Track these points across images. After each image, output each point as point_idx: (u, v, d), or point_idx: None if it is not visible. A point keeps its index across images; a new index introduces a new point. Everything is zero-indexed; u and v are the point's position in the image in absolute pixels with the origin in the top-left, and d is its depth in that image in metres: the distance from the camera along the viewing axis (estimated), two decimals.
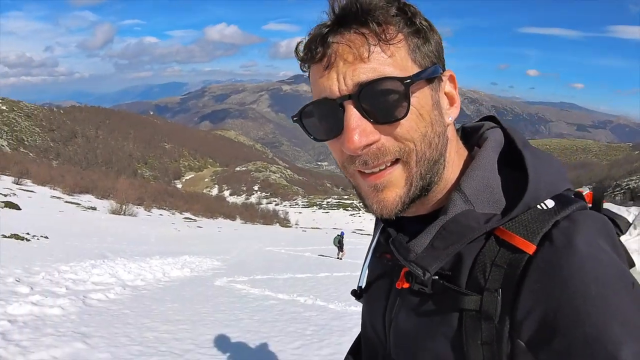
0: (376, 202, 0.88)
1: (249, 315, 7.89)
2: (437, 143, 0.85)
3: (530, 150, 0.90)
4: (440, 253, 0.85)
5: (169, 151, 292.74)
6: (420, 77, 0.81)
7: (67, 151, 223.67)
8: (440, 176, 0.89)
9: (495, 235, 0.83)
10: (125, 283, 9.63)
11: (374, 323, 1.07)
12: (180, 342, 5.90)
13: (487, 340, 0.79)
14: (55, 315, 6.40)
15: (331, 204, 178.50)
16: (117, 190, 65.85)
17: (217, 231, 46.95)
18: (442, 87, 0.88)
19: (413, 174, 0.85)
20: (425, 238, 0.87)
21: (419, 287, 0.89)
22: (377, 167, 0.84)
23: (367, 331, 1.12)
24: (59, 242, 15.94)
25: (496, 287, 0.79)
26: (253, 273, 14.08)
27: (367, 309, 1.12)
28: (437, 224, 0.87)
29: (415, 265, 0.86)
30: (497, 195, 0.86)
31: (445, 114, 0.88)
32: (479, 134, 0.99)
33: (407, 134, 0.82)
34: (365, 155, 0.83)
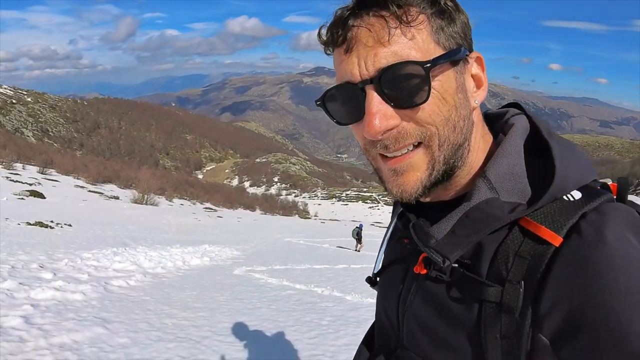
0: (396, 186, 0.87)
1: (266, 305, 7.96)
2: (462, 127, 0.84)
3: (556, 139, 0.87)
4: (461, 240, 0.83)
5: (190, 142, 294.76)
6: (442, 60, 0.79)
7: (90, 142, 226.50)
8: (464, 161, 0.87)
9: (520, 225, 0.81)
10: (146, 270, 9.76)
11: (387, 309, 1.06)
12: (198, 329, 5.99)
13: (507, 334, 0.77)
14: (77, 300, 6.53)
15: (350, 196, 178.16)
16: (139, 180, 66.53)
17: (237, 221, 47.12)
18: (468, 69, 0.86)
19: (435, 157, 0.84)
20: (446, 224, 0.86)
21: (436, 274, 0.87)
22: (398, 150, 0.84)
23: (381, 317, 1.11)
24: (82, 230, 16.17)
25: (518, 279, 0.76)
26: (271, 263, 14.13)
27: (381, 294, 1.11)
28: (459, 210, 0.85)
29: (435, 251, 0.84)
30: (523, 184, 0.84)
31: (471, 97, 0.86)
32: (503, 120, 0.98)
33: (429, 118, 0.80)
34: (386, 140, 0.82)
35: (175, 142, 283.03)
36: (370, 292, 6.96)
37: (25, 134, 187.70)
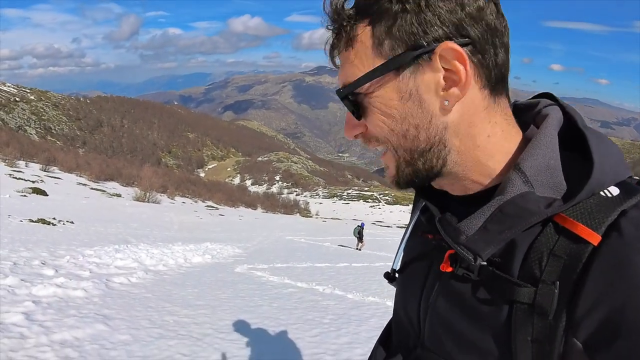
0: (387, 177, 0.91)
1: (267, 302, 7.95)
2: (417, 134, 0.80)
3: (592, 131, 0.81)
4: (494, 237, 0.78)
5: (193, 140, 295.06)
6: (371, 77, 0.78)
7: (93, 140, 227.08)
8: (444, 161, 0.82)
9: (554, 222, 0.76)
10: (147, 268, 9.75)
11: (407, 308, 1.01)
12: (199, 327, 5.98)
13: (539, 338, 0.73)
14: (79, 297, 6.52)
15: (351, 195, 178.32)
16: (142, 178, 66.53)
17: (239, 219, 47.18)
18: (431, 68, 0.76)
19: (397, 161, 0.85)
20: (477, 219, 0.80)
21: (463, 272, 0.82)
22: (374, 150, 0.87)
23: (400, 316, 1.06)
24: (84, 227, 16.19)
25: (553, 280, 0.72)
26: (273, 261, 14.15)
27: (401, 292, 1.06)
28: (492, 204, 0.80)
29: (466, 248, 0.79)
30: (558, 178, 0.79)
31: (435, 99, 0.78)
32: (535, 111, 0.91)
33: (375, 131, 0.83)
34: (360, 142, 0.88)
35: (177, 140, 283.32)
36: (371, 291, 7.04)
37: (28, 131, 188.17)
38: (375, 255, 20.39)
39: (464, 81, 0.75)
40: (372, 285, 10.76)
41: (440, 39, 0.74)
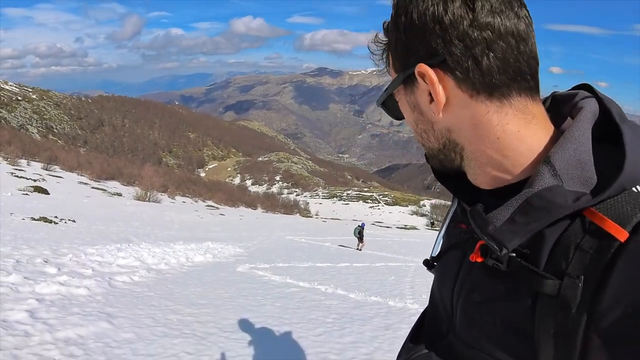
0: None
1: (270, 302, 7.94)
2: (427, 137, 0.91)
3: (629, 125, 0.80)
4: (521, 229, 0.79)
5: (193, 140, 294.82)
6: (390, 90, 0.92)
7: (94, 139, 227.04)
8: (461, 156, 0.89)
9: (582, 217, 0.76)
10: (149, 266, 9.75)
11: (442, 295, 1.04)
12: (203, 325, 5.97)
13: (561, 331, 0.73)
14: (82, 295, 6.52)
15: (351, 195, 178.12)
16: (142, 177, 66.55)
17: (239, 219, 47.15)
18: (419, 87, 0.86)
19: (428, 154, 0.97)
20: (505, 211, 0.82)
21: (493, 263, 0.83)
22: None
23: (435, 301, 1.10)
24: (86, 225, 16.19)
25: (578, 274, 0.72)
26: (274, 261, 14.16)
27: (438, 279, 1.09)
28: (520, 197, 0.81)
29: (493, 239, 0.81)
30: (589, 172, 0.78)
31: (427, 112, 0.87)
32: (572, 102, 0.90)
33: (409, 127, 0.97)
34: None
35: (178, 140, 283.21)
36: (373, 290, 7.07)
37: (30, 130, 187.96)
38: (376, 256, 20.35)
39: (437, 96, 0.81)
40: (374, 285, 10.76)
41: (418, 61, 0.81)
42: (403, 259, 19.70)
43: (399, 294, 9.72)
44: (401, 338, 5.69)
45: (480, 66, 0.77)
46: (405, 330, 6.92)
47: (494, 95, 0.80)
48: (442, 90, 0.81)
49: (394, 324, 7.09)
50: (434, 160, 0.96)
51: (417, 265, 16.40)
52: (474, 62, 0.77)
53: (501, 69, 0.78)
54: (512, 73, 0.79)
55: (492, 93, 0.79)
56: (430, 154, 0.95)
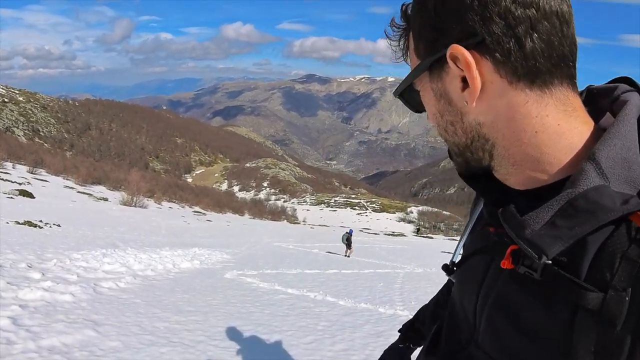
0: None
1: (259, 309, 7.84)
2: (454, 130, 0.81)
3: None
4: (563, 234, 0.70)
5: (181, 145, 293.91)
6: (412, 78, 0.84)
7: (81, 143, 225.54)
8: (490, 154, 0.79)
9: (628, 222, 0.68)
10: (135, 273, 9.60)
11: (464, 302, 0.95)
12: (191, 333, 5.85)
13: (602, 349, 0.66)
14: (67, 301, 6.37)
15: (339, 202, 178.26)
16: (129, 182, 66.24)
17: (226, 225, 47.01)
18: (449, 72, 0.76)
19: (450, 151, 0.88)
20: (544, 213, 0.73)
21: (525, 271, 0.74)
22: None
23: (456, 309, 1.01)
24: (71, 230, 16.00)
25: (625, 286, 0.65)
26: (262, 267, 14.06)
27: (459, 286, 1.01)
28: (561, 197, 0.72)
29: (531, 244, 0.72)
30: (636, 172, 0.71)
31: (458, 100, 0.77)
32: (612, 97, 0.83)
33: (430, 123, 0.88)
34: None
35: (165, 145, 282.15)
36: (362, 297, 6.98)
37: (16, 133, 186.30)
38: (364, 262, 20.29)
39: (473, 82, 0.73)
40: (363, 292, 10.69)
41: (450, 42, 0.73)
42: (391, 265, 19.67)
43: (388, 301, 9.66)
44: None
45: (523, 48, 0.69)
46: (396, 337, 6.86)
47: (535, 83, 0.72)
48: (478, 75, 0.72)
49: (385, 331, 7.01)
50: (460, 158, 0.86)
51: (406, 272, 16.41)
52: (516, 43, 0.70)
53: (545, 52, 0.70)
54: (556, 58, 0.72)
55: (534, 80, 0.71)
56: (456, 150, 0.85)
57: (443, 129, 0.83)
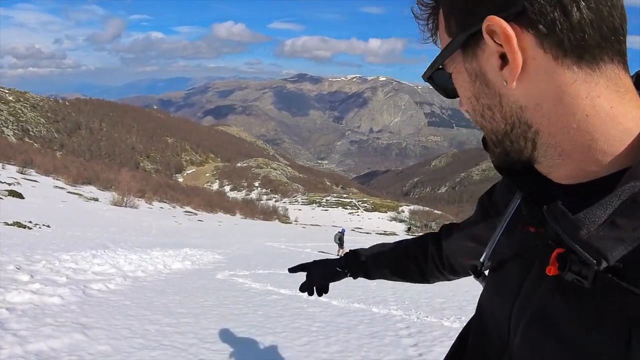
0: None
1: (252, 310, 7.74)
2: (492, 115, 0.72)
3: None
4: (626, 235, 0.61)
5: (172, 145, 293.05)
6: (442, 58, 0.76)
7: (71, 142, 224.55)
8: (534, 143, 0.70)
9: None
10: (126, 274, 9.48)
11: (496, 311, 0.86)
12: (183, 336, 5.73)
13: None
14: (55, 304, 6.25)
15: (330, 202, 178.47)
16: (119, 182, 65.96)
17: (218, 225, 46.87)
18: (486, 48, 0.68)
19: (487, 141, 0.78)
20: (601, 211, 0.64)
21: (573, 278, 0.66)
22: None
23: (485, 317, 0.91)
24: (61, 231, 15.83)
25: None
26: (254, 267, 13.97)
27: (490, 292, 0.91)
28: (621, 193, 0.62)
29: (588, 247, 0.62)
30: None
31: (496, 80, 0.68)
32: None
33: (466, 110, 0.78)
34: None
35: (156, 144, 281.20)
36: (356, 297, 6.85)
37: (5, 132, 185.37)
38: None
39: (514, 57, 0.65)
40: (357, 291, 10.60)
41: (486, 14, 0.65)
42: None
43: (382, 301, 9.58)
44: (388, 347, 5.48)
45: (570, 18, 0.61)
46: (391, 338, 6.80)
47: (583, 59, 0.63)
48: (519, 50, 0.64)
49: (380, 331, 6.92)
50: (498, 148, 0.76)
51: None
52: (562, 13, 0.61)
53: (594, 23, 0.62)
54: (606, 30, 0.63)
55: (582, 55, 0.63)
56: (493, 139, 0.75)
57: (479, 114, 0.75)
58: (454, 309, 9.25)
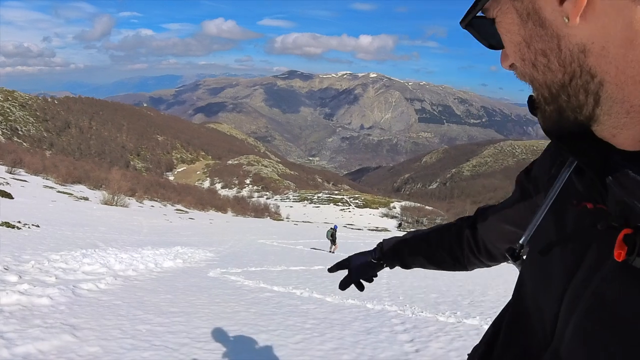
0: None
1: (245, 308, 7.64)
2: (547, 62, 0.61)
3: None
4: None
5: (162, 143, 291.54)
6: (477, 4, 0.67)
7: (60, 141, 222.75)
8: (596, 97, 0.58)
9: None
10: (116, 273, 9.34)
11: (540, 300, 0.75)
12: (175, 336, 5.63)
13: None
14: (44, 305, 6.12)
15: (322, 198, 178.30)
16: (110, 181, 65.44)
17: (209, 223, 46.66)
18: None
19: (538, 97, 0.66)
20: None
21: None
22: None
23: (525, 309, 0.80)
24: (51, 231, 15.63)
25: None
26: (246, 265, 13.88)
27: (534, 279, 0.79)
28: None
29: None
30: None
31: (555, 18, 0.57)
32: None
33: (514, 62, 0.68)
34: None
35: (146, 143, 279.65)
36: (349, 293, 6.73)
37: None
38: None
39: None
40: (350, 287, 10.54)
41: None
42: None
43: (376, 296, 9.53)
44: (384, 343, 5.39)
45: None
46: (386, 334, 6.74)
47: None
48: None
49: (375, 327, 6.87)
50: (550, 106, 0.64)
51: None
52: None
53: None
54: None
55: None
56: (546, 94, 0.63)
57: (530, 64, 0.64)
58: (449, 303, 9.23)
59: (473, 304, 9.53)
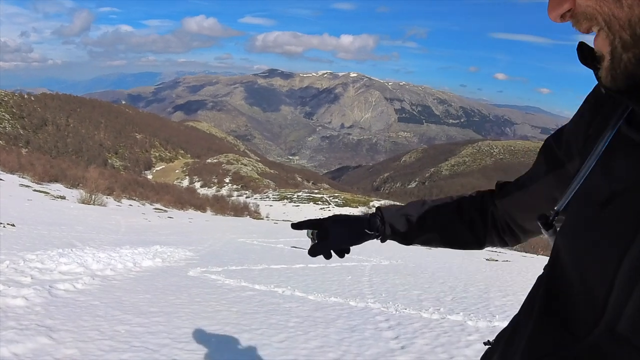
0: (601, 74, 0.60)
1: (226, 307, 7.53)
2: None
3: None
4: None
5: (140, 141, 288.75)
6: None
7: (37, 139, 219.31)
8: None
9: None
10: (94, 273, 9.15)
11: (587, 271, 0.66)
12: (154, 336, 5.50)
13: None
14: (18, 306, 5.94)
15: (302, 197, 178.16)
16: (87, 179, 64.65)
17: (188, 222, 46.29)
18: None
19: (613, 42, 0.56)
20: None
21: None
22: (587, 34, 0.58)
23: (568, 284, 0.70)
24: (26, 230, 15.33)
25: None
26: (227, 264, 13.73)
27: (577, 249, 0.69)
28: None
29: None
30: None
31: None
32: None
33: (582, 1, 0.58)
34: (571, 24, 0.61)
35: (124, 141, 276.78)
36: (332, 291, 6.69)
37: None
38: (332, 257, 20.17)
39: None
40: (332, 285, 10.51)
41: None
42: (357, 258, 19.53)
43: (358, 294, 9.49)
44: (369, 340, 5.31)
45: None
46: (371, 331, 6.68)
47: None
48: None
49: (359, 325, 6.82)
50: (629, 52, 0.54)
51: (372, 265, 16.30)
52: None
53: None
54: None
55: None
56: (628, 34, 0.53)
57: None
58: (432, 300, 9.23)
59: (456, 300, 9.54)
